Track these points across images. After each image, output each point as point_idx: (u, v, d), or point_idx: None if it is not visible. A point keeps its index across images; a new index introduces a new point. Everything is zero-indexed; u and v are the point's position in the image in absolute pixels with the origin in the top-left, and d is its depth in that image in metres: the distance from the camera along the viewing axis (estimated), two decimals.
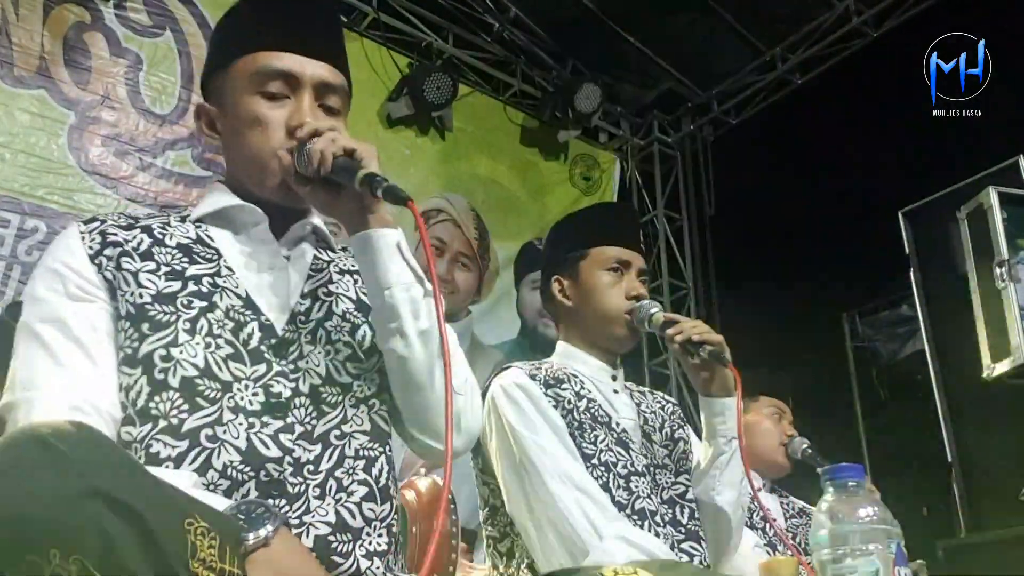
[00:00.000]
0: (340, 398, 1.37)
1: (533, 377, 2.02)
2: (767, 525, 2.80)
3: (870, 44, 5.69)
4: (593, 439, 1.96)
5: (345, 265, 1.52)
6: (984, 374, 2.65)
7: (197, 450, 1.23)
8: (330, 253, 1.53)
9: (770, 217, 5.89)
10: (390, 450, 1.42)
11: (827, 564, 1.25)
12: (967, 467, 2.90)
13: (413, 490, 1.77)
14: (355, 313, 1.45)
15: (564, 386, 2.02)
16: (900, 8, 5.51)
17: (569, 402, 1.99)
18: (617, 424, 2.03)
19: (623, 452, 1.98)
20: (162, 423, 1.24)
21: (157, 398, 1.25)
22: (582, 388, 2.06)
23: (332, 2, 1.91)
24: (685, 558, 1.91)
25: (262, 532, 1.01)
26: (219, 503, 1.09)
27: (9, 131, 3.91)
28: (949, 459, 2.95)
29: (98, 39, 4.27)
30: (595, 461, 1.92)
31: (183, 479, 1.14)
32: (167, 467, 1.21)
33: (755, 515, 2.76)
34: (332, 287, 1.46)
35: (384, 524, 1.33)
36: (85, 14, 4.24)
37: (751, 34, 5.94)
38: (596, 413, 2.02)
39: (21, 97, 3.97)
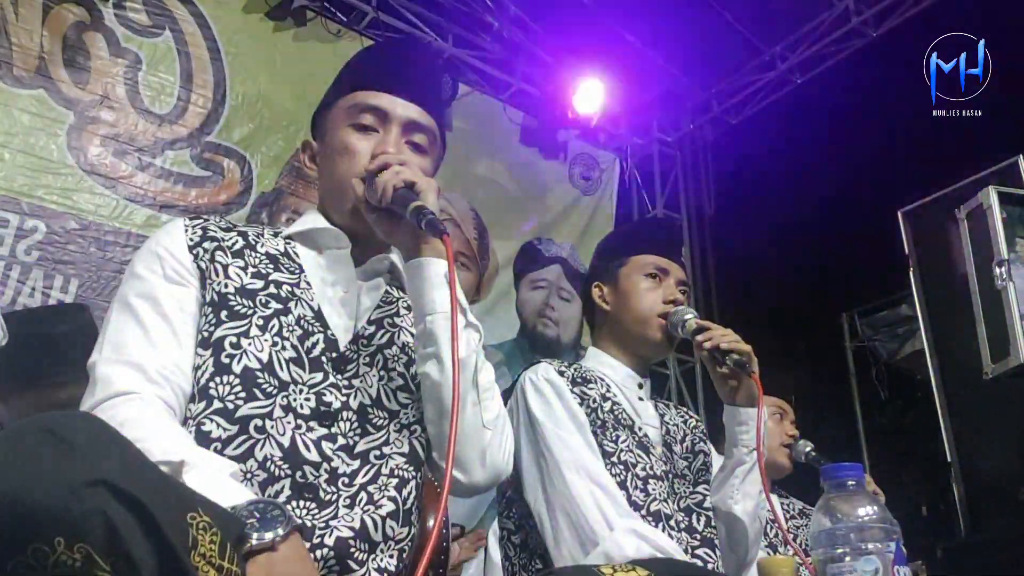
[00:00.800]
0: (386, 422, 1.44)
1: (562, 373, 2.05)
2: (768, 526, 2.80)
3: (870, 44, 5.70)
4: (615, 439, 1.99)
5: None
6: (984, 374, 2.65)
7: (244, 437, 1.31)
8: (401, 291, 1.62)
9: (769, 216, 5.89)
10: (421, 477, 1.47)
11: (826, 563, 1.25)
12: (966, 467, 2.90)
13: None
14: (413, 348, 1.52)
15: (591, 386, 2.06)
16: (900, 8, 5.51)
17: (594, 401, 2.03)
18: (640, 428, 2.06)
19: (643, 455, 2.00)
20: (217, 404, 1.32)
21: (218, 379, 1.34)
22: (608, 391, 2.09)
23: (436, 54, 2.05)
24: (698, 563, 1.92)
25: (268, 535, 1.02)
26: (243, 495, 1.12)
27: (8, 131, 3.90)
28: (948, 459, 2.94)
29: (97, 39, 4.26)
30: (614, 459, 1.95)
31: (222, 464, 1.20)
32: (215, 448, 1.29)
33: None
34: (398, 320, 1.56)
35: (398, 546, 1.37)
36: (84, 14, 4.24)
37: (751, 33, 5.94)
38: (620, 415, 2.05)
39: (20, 97, 3.97)
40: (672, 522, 1.94)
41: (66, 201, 3.98)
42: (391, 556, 1.35)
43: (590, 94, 5.81)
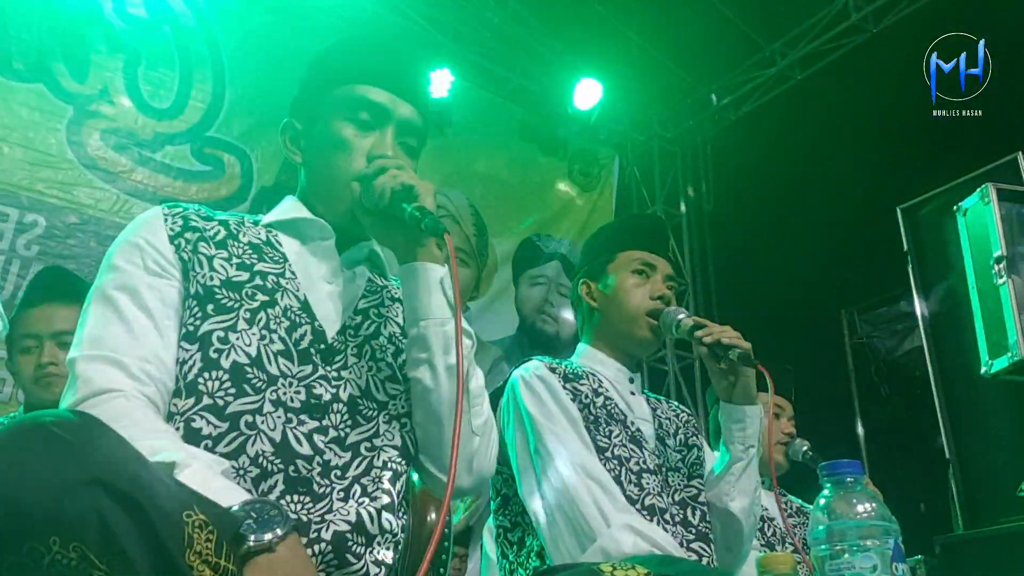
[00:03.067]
0: (375, 413, 1.43)
1: (553, 370, 2.05)
2: (765, 525, 2.81)
3: (869, 40, 5.70)
4: (608, 433, 1.98)
5: (397, 293, 1.60)
6: (982, 370, 2.65)
7: (235, 434, 1.29)
8: (383, 279, 1.61)
9: (769, 213, 5.89)
10: (412, 471, 1.47)
11: (825, 560, 1.25)
12: (965, 463, 2.90)
13: None
14: (400, 338, 1.52)
15: (582, 382, 2.05)
16: (899, 5, 5.51)
17: (587, 396, 2.02)
18: (632, 423, 2.05)
19: (636, 449, 2.00)
20: (206, 400, 1.30)
21: (207, 375, 1.32)
22: (600, 386, 2.08)
23: (429, 51, 2.03)
24: (694, 557, 1.92)
25: (267, 536, 1.01)
26: (238, 495, 1.11)
27: (7, 125, 3.90)
28: (947, 455, 2.95)
29: (97, 33, 4.26)
30: (608, 455, 1.95)
31: (213, 462, 1.18)
32: (205, 445, 1.27)
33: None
34: (383, 310, 1.55)
35: (394, 539, 1.37)
36: (84, 8, 4.23)
37: (751, 30, 5.94)
38: (612, 410, 2.04)
39: (19, 91, 3.97)
40: (667, 516, 1.94)
41: (66, 195, 3.98)
42: (388, 549, 1.35)
43: (589, 90, 5.81)
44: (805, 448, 3.02)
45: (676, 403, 2.33)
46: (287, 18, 4.97)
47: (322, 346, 1.42)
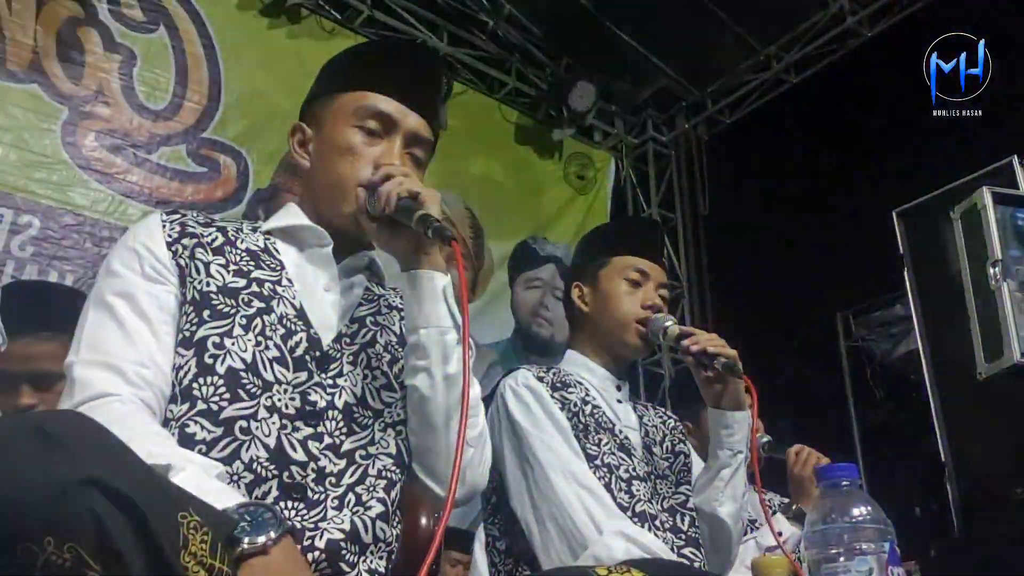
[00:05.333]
0: (371, 421, 1.43)
1: (541, 379, 2.06)
2: (750, 527, 2.82)
3: (864, 44, 5.70)
4: (597, 442, 2.00)
5: (394, 302, 1.62)
6: (978, 374, 2.65)
7: (229, 439, 1.29)
8: (380, 288, 1.62)
9: (764, 216, 5.89)
10: (404, 479, 1.46)
11: (820, 563, 1.25)
12: (960, 467, 2.90)
13: None
14: (396, 346, 1.53)
15: (571, 390, 2.07)
16: (894, 8, 5.52)
17: (575, 405, 2.03)
18: (620, 431, 2.07)
19: (625, 457, 2.02)
20: (201, 405, 1.30)
21: (201, 380, 1.32)
22: (587, 394, 2.10)
23: (441, 64, 2.04)
24: (685, 563, 1.93)
25: (260, 539, 1.01)
26: (233, 498, 1.11)
27: (2, 126, 3.89)
28: (942, 459, 2.94)
29: (91, 34, 4.25)
30: (598, 462, 1.96)
31: (208, 466, 1.19)
32: (200, 450, 1.27)
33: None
34: (380, 318, 1.55)
35: (387, 548, 1.38)
36: (78, 9, 4.22)
37: (746, 33, 5.95)
38: (600, 418, 2.06)
39: (14, 92, 3.96)
40: (657, 522, 1.95)
41: (61, 197, 3.97)
42: (380, 558, 1.36)
43: (584, 92, 5.81)
44: (766, 440, 3.02)
45: (662, 409, 2.35)
46: (283, 20, 4.98)
47: (317, 353, 1.42)
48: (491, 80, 5.90)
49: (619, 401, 2.17)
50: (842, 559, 1.22)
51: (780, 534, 2.66)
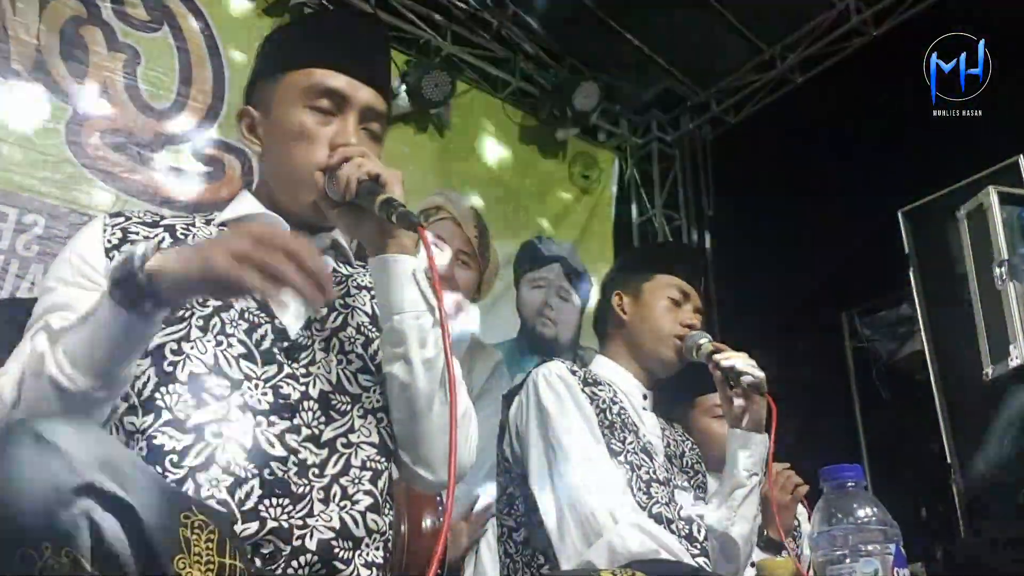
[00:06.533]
0: (349, 407, 1.39)
1: (573, 372, 2.11)
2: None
3: (870, 43, 5.68)
4: (621, 439, 2.06)
5: (363, 280, 1.56)
6: (984, 375, 2.64)
7: (201, 445, 1.25)
8: (348, 268, 1.57)
9: (769, 216, 5.87)
10: (392, 466, 1.44)
11: (826, 565, 1.24)
12: (966, 468, 2.89)
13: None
14: (369, 327, 1.49)
15: (601, 388, 2.13)
16: (900, 7, 5.49)
17: (604, 402, 2.09)
18: (644, 435, 2.15)
19: (647, 459, 2.07)
20: (166, 415, 1.26)
21: (164, 389, 1.27)
22: (615, 396, 2.15)
23: (385, 31, 1.97)
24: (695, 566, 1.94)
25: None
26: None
27: (7, 124, 3.89)
28: (948, 460, 2.94)
29: (95, 33, 4.25)
30: (620, 459, 2.01)
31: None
32: (171, 460, 1.23)
33: None
34: (349, 300, 1.50)
35: (383, 538, 1.36)
36: (82, 8, 4.22)
37: (751, 32, 5.93)
38: (626, 419, 2.12)
39: (18, 90, 3.96)
40: (673, 527, 1.98)
41: (65, 195, 3.97)
42: (377, 549, 1.34)
43: (588, 93, 5.80)
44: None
45: (681, 428, 2.42)
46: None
47: (285, 344, 1.38)
48: (495, 80, 5.89)
49: (644, 409, 2.22)
50: (848, 560, 1.22)
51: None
